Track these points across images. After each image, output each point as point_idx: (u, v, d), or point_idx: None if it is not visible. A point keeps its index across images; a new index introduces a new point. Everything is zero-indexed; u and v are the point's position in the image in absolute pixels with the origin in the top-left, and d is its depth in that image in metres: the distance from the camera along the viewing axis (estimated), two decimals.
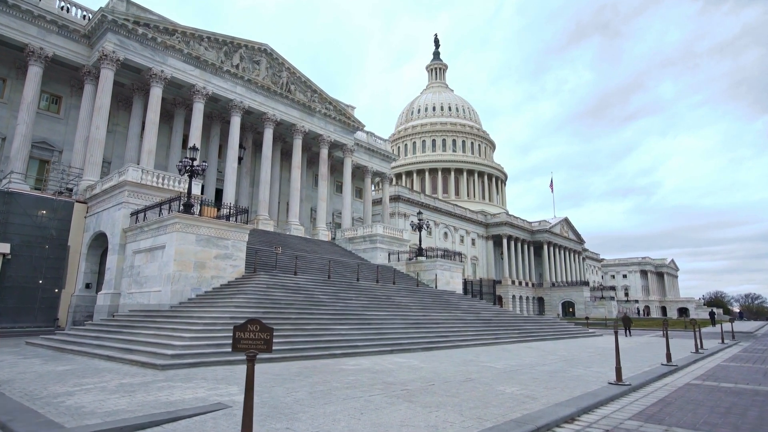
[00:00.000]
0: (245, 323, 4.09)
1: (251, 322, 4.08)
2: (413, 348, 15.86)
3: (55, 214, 24.04)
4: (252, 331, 4.02)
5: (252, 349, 3.89)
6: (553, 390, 8.74)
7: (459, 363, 12.67)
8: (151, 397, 7.19)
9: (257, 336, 4.03)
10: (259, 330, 4.03)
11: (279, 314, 15.52)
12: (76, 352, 12.72)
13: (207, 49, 33.15)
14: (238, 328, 4.05)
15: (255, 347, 3.94)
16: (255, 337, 4.03)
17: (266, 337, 4.04)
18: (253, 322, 4.07)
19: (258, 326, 4.05)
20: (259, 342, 4.02)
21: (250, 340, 4.01)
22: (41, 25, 27.10)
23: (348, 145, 43.41)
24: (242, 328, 4.04)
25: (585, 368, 12.19)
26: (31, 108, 26.37)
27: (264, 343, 4.03)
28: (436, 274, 32.48)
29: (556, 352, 16.85)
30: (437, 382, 9.39)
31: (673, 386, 10.09)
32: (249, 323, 4.07)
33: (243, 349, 3.94)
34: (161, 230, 18.89)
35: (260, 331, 4.03)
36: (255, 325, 4.05)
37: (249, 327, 4.04)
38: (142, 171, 22.37)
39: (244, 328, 4.05)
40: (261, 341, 4.03)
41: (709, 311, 64.08)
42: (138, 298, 19.49)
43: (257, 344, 4.00)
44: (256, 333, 4.03)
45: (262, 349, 4.02)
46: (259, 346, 4.00)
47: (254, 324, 4.06)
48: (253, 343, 3.99)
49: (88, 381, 8.48)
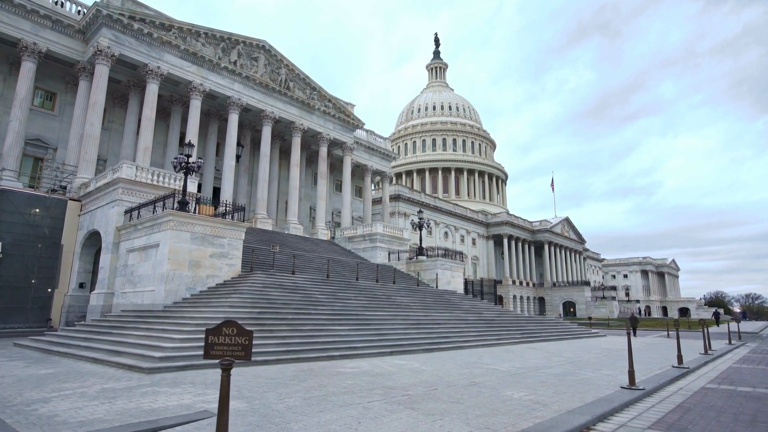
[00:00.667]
0: (220, 326, 3.55)
1: (227, 324, 3.54)
2: (414, 349, 15.34)
3: (48, 212, 23.53)
4: (227, 335, 3.48)
5: (227, 356, 3.36)
6: (563, 395, 8.22)
7: (462, 365, 12.16)
8: (132, 404, 6.67)
9: (234, 341, 3.50)
10: (236, 334, 3.49)
11: (275, 314, 15.00)
12: (62, 354, 12.20)
13: (204, 45, 32.63)
14: (211, 332, 3.51)
15: (231, 354, 3.41)
16: (231, 342, 3.50)
17: (244, 342, 3.50)
18: (229, 325, 3.54)
19: (235, 329, 3.51)
20: (235, 348, 3.48)
21: (226, 345, 3.48)
22: (34, 20, 26.57)
23: (347, 143, 42.89)
24: (216, 332, 3.49)
25: (594, 371, 11.67)
26: (24, 104, 25.84)
27: (242, 349, 3.48)
28: (437, 274, 31.96)
29: (561, 354, 16.34)
30: (440, 386, 8.88)
31: (689, 390, 9.58)
32: (224, 326, 3.53)
33: (217, 356, 3.40)
34: (155, 228, 18.39)
35: (237, 335, 3.49)
36: (231, 327, 3.51)
37: (224, 330, 3.50)
38: (137, 168, 21.87)
39: (218, 331, 3.50)
40: (238, 347, 3.49)
41: (713, 311, 63.50)
42: (132, 298, 18.99)
43: (234, 350, 3.47)
44: (232, 337, 3.50)
45: (240, 357, 3.48)
46: (236, 352, 3.47)
47: (230, 327, 3.52)
48: (228, 349, 3.46)
49: (68, 386, 7.97)
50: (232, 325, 3.57)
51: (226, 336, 3.51)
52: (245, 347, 3.52)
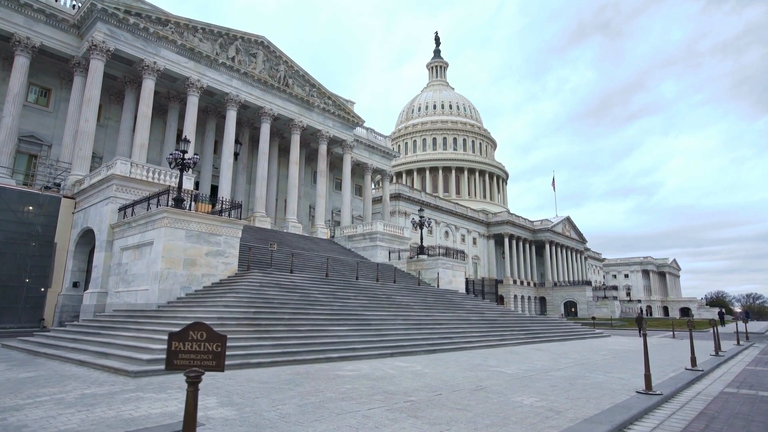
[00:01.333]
0: (185, 329, 2.98)
1: (195, 327, 2.95)
2: (416, 351, 14.81)
3: (41, 210, 23.02)
4: (195, 340, 2.90)
5: (194, 366, 2.78)
6: (576, 401, 7.69)
7: (466, 368, 11.62)
8: (112, 412, 6.14)
9: (203, 347, 2.92)
10: (205, 339, 2.88)
11: (272, 314, 14.47)
12: (48, 356, 11.67)
13: (202, 41, 32.09)
14: (175, 337, 2.91)
15: (200, 363, 2.82)
16: (200, 348, 2.93)
17: (216, 348, 2.89)
18: (198, 328, 2.99)
19: (204, 333, 2.95)
20: (205, 356, 2.90)
21: (193, 353, 2.89)
22: (28, 14, 26.05)
23: (347, 141, 42.33)
24: (181, 337, 2.90)
25: (605, 374, 11.14)
26: (17, 100, 25.34)
27: (213, 357, 2.89)
28: (438, 273, 31.42)
29: (568, 355, 15.80)
30: (444, 391, 8.35)
31: (708, 395, 9.05)
32: (191, 329, 2.94)
33: (181, 366, 2.81)
34: (149, 225, 17.87)
35: (207, 340, 2.87)
36: (200, 331, 2.97)
37: (191, 334, 2.92)
38: (131, 164, 21.36)
39: (183, 336, 2.93)
40: (208, 355, 2.90)
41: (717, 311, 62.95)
42: (125, 298, 18.49)
43: (203, 359, 2.87)
44: (201, 343, 2.93)
45: (210, 367, 2.89)
46: (205, 362, 2.87)
47: (198, 330, 2.98)
48: (197, 357, 2.86)
49: (46, 391, 7.44)
50: (200, 328, 3.00)
51: (194, 341, 2.92)
52: (217, 355, 2.92)
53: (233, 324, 12.52)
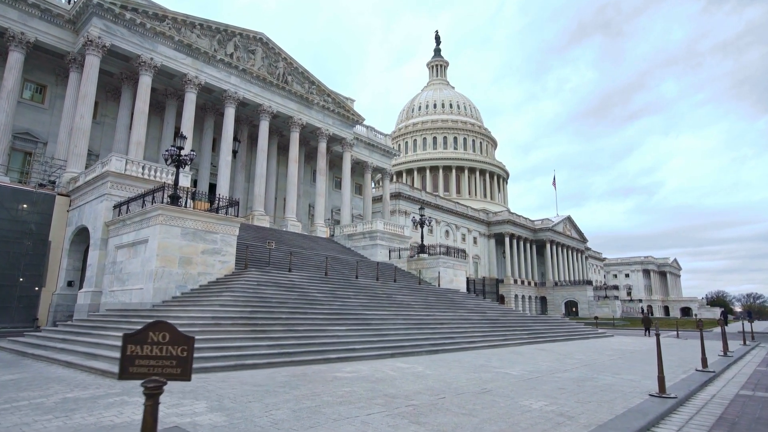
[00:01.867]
0: (144, 329, 2.47)
1: (155, 327, 2.47)
2: (417, 351, 14.40)
3: (35, 208, 22.63)
4: (156, 343, 2.38)
5: (154, 374, 2.27)
6: (587, 405, 7.28)
7: (469, 369, 11.21)
8: (92, 418, 5.73)
9: (166, 352, 2.39)
10: (168, 341, 2.39)
11: (269, 314, 14.06)
12: (36, 357, 11.27)
13: (199, 37, 31.67)
14: (131, 339, 2.41)
15: (161, 372, 2.30)
16: (162, 353, 2.39)
17: (180, 353, 2.40)
18: (159, 328, 2.46)
19: (167, 334, 2.42)
20: (168, 362, 2.39)
21: (153, 359, 2.38)
22: (22, 9, 25.64)
23: (347, 139, 41.90)
24: (138, 339, 2.40)
25: (613, 375, 10.73)
26: (11, 96, 24.93)
27: (177, 363, 2.39)
28: (439, 272, 31.01)
29: (573, 356, 15.39)
30: (448, 394, 7.94)
31: (724, 398, 8.63)
32: (151, 329, 2.45)
33: (138, 374, 2.26)
34: (144, 223, 17.47)
35: (171, 343, 2.38)
36: (161, 332, 2.43)
37: (151, 336, 2.40)
38: (126, 161, 20.97)
39: (141, 337, 2.40)
40: (172, 361, 2.40)
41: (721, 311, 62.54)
42: (120, 297, 18.08)
43: (165, 366, 2.38)
44: (163, 347, 2.39)
45: (174, 375, 2.34)
46: (168, 369, 2.38)
47: (160, 331, 2.44)
48: (157, 364, 2.36)
49: (26, 395, 7.02)
50: (163, 328, 2.46)
51: (154, 345, 2.40)
52: (182, 361, 2.42)
53: (228, 323, 12.12)
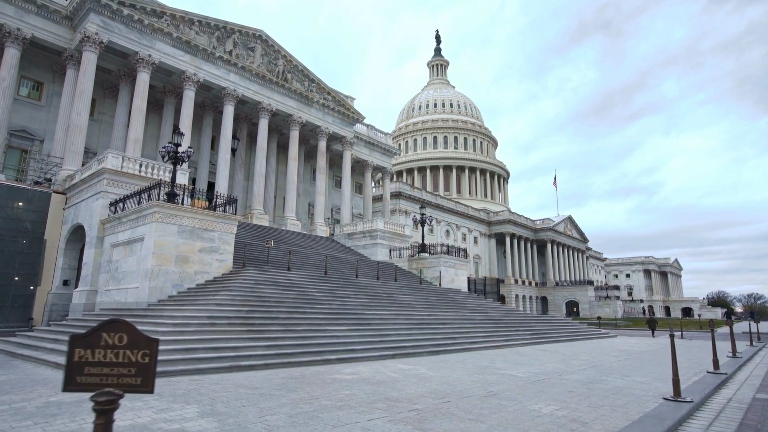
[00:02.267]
0: (96, 330, 2.00)
1: (110, 327, 2.00)
2: (419, 352, 14.04)
3: (30, 206, 22.28)
4: (111, 346, 1.93)
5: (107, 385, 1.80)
6: (600, 409, 6.92)
7: (473, 371, 10.85)
8: (74, 424, 5.38)
9: (123, 357, 1.93)
10: (126, 345, 1.93)
11: (266, 313, 13.70)
12: (25, 358, 10.91)
13: (198, 34, 31.32)
14: (79, 341, 1.96)
15: (116, 382, 1.78)
16: (117, 359, 1.93)
17: (141, 359, 1.94)
18: (115, 328, 2.01)
19: (124, 336, 1.96)
20: (125, 370, 1.94)
21: (107, 366, 1.92)
22: (18, 4, 25.29)
23: (347, 137, 41.54)
24: (89, 341, 1.92)
25: (623, 378, 10.36)
26: (8, 93, 24.59)
27: (137, 371, 1.93)
28: (440, 272, 30.65)
29: (579, 357, 15.03)
30: (453, 397, 7.57)
31: (741, 402, 8.27)
32: (105, 329, 1.98)
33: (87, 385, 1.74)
34: (140, 221, 17.12)
35: (129, 346, 1.93)
36: (118, 333, 1.97)
37: (105, 338, 1.94)
38: (123, 158, 20.62)
39: (93, 340, 1.93)
40: (129, 368, 1.94)
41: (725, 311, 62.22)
42: (115, 296, 17.74)
43: (122, 375, 1.92)
44: (119, 351, 1.94)
45: (132, 386, 1.93)
46: (125, 378, 1.93)
47: (116, 332, 1.98)
48: (111, 372, 1.90)
49: (8, 399, 6.66)
50: (120, 328, 2.01)
51: (108, 348, 1.95)
52: (143, 369, 1.95)
53: (224, 323, 11.76)
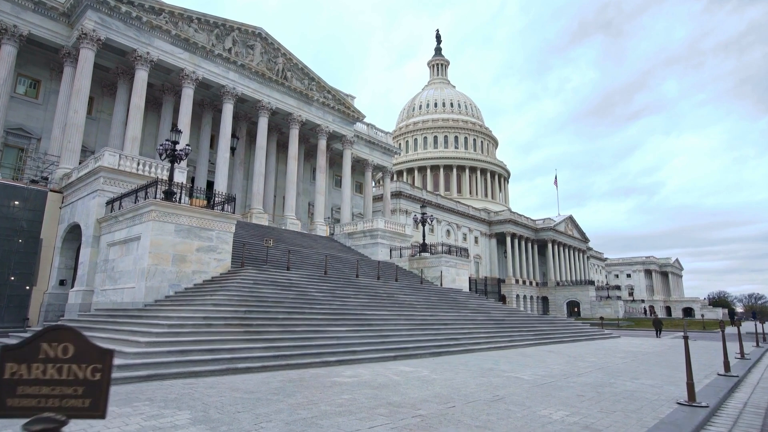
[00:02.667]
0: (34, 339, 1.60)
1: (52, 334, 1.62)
2: (420, 353, 13.74)
3: (26, 204, 21.95)
4: (53, 360, 1.54)
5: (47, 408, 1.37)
6: (612, 414, 6.61)
7: (478, 373, 10.54)
8: None
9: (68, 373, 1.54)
10: (72, 358, 1.54)
11: (265, 314, 13.39)
12: None
13: (197, 32, 31.02)
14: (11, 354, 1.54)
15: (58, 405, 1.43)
16: (61, 375, 1.54)
17: (91, 375, 1.54)
18: (58, 336, 1.61)
19: (70, 347, 1.57)
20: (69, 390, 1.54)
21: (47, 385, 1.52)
22: (15, 1, 25.01)
23: (347, 136, 41.23)
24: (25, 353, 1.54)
25: (632, 380, 10.05)
26: (3, 90, 24.31)
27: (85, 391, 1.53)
28: (441, 271, 30.35)
29: (584, 358, 14.72)
30: (458, 402, 7.26)
31: (757, 407, 7.96)
32: (46, 339, 1.58)
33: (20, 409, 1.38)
34: (136, 219, 16.82)
35: (75, 359, 1.54)
36: (62, 344, 1.58)
37: (44, 349, 1.55)
38: (120, 156, 20.31)
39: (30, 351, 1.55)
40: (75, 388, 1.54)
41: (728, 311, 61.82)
42: (111, 296, 17.44)
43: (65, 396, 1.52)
44: (63, 365, 1.55)
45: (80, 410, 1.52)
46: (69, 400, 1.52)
47: (59, 342, 1.58)
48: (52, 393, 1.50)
49: None
50: (65, 337, 1.61)
51: (50, 363, 1.55)
52: (93, 388, 1.55)
53: (221, 324, 11.46)
